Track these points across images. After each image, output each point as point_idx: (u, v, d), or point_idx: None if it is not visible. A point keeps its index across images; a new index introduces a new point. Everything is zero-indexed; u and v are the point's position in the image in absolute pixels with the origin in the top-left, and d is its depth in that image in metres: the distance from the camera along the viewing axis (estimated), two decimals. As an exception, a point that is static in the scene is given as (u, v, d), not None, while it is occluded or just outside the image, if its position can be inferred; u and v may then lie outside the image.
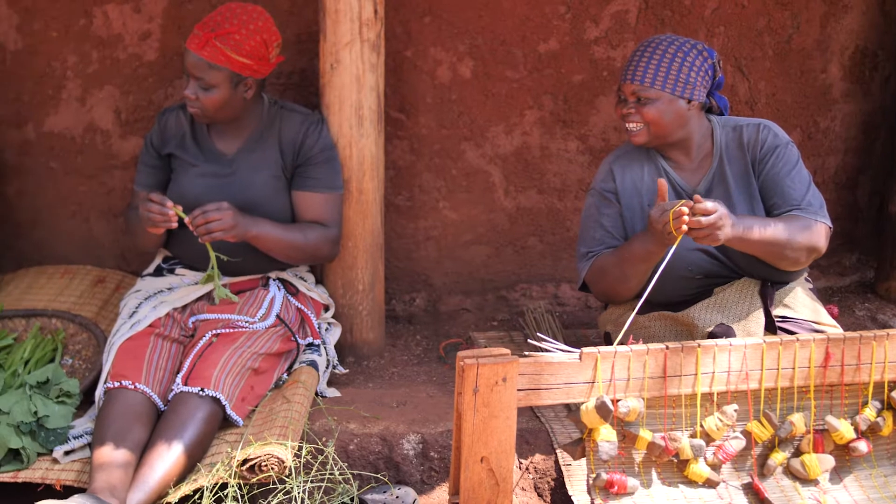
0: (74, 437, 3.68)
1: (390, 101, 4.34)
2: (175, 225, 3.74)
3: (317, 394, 3.88)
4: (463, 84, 4.48)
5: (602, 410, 3.13)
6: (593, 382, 3.15)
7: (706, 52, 3.66)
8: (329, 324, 4.17)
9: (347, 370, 4.17)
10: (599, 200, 3.79)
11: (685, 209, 3.29)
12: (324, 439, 3.56)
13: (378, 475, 3.59)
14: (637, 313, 3.58)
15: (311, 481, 3.42)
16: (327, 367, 4.05)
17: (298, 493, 3.37)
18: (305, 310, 4.02)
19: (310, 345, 4.02)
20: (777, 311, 3.69)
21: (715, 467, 3.32)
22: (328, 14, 3.94)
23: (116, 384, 3.61)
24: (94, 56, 4.51)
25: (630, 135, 3.67)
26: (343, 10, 3.91)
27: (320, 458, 3.48)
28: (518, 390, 3.06)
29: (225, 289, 3.81)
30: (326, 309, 4.17)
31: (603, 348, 3.15)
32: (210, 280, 3.81)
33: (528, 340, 3.77)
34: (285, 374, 3.91)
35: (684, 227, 3.30)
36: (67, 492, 3.47)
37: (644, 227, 3.65)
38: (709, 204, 3.29)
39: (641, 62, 3.61)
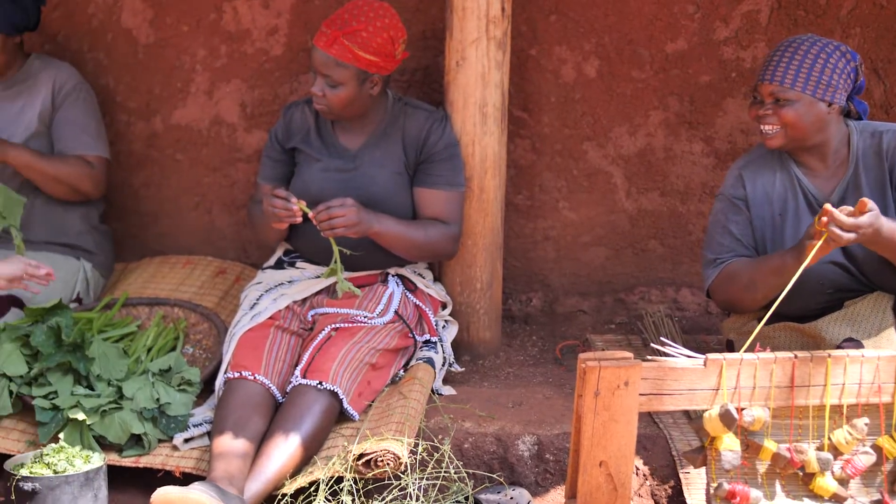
0: (194, 425, 3.74)
1: (513, 100, 4.32)
2: (299, 220, 3.76)
3: (432, 391, 3.87)
4: (587, 83, 4.44)
5: (726, 418, 3.06)
6: (717, 389, 3.08)
7: (849, 55, 3.55)
8: (446, 321, 4.16)
9: (463, 368, 4.16)
10: (728, 207, 3.70)
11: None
12: (440, 437, 3.55)
13: (493, 475, 3.56)
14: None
15: (426, 479, 3.41)
16: (443, 365, 4.04)
17: (413, 490, 3.36)
18: (423, 307, 4.01)
19: (427, 342, 4.02)
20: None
21: (842, 482, 3.22)
22: (455, 11, 3.94)
23: (236, 374, 3.66)
24: (223, 50, 4.58)
25: (765, 138, 3.57)
26: (470, 8, 3.90)
27: (436, 455, 3.47)
28: (640, 395, 3.02)
29: (348, 282, 3.82)
30: (444, 306, 4.17)
31: (728, 355, 3.08)
32: (333, 274, 3.83)
33: (651, 345, 3.72)
34: (402, 371, 3.92)
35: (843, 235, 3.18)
36: (186, 479, 3.52)
37: (773, 237, 3.57)
38: (863, 219, 3.18)
39: (782, 62, 3.51)
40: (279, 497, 3.41)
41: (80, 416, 3.64)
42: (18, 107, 4.33)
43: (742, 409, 3.09)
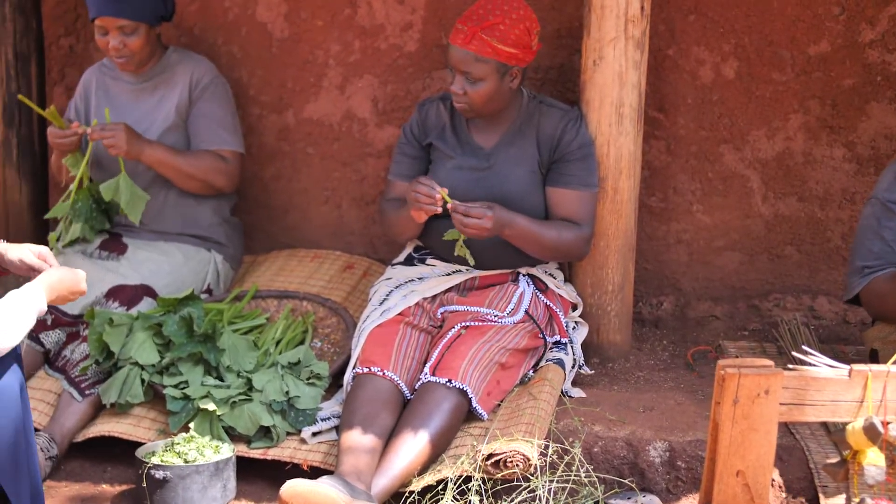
0: (322, 419, 3.76)
1: (649, 100, 4.25)
2: (439, 210, 3.75)
3: (562, 393, 3.83)
4: (725, 85, 4.36)
5: (870, 432, 2.96)
6: (862, 402, 2.99)
7: None
8: (576, 323, 4.11)
9: (592, 371, 4.11)
10: (881, 211, 3.59)
11: None
12: (570, 440, 3.50)
13: (625, 480, 3.51)
14: None
15: (556, 482, 3.37)
16: (573, 367, 3.99)
17: (543, 492, 3.33)
18: (554, 307, 3.97)
19: (557, 343, 3.97)
20: None
21: None
22: (593, 10, 3.89)
23: (365, 370, 3.65)
24: (356, 45, 4.59)
25: None
26: (609, 6, 3.85)
27: (566, 458, 3.43)
28: (780, 404, 2.94)
29: (466, 249, 3.79)
30: (574, 308, 4.12)
31: (874, 366, 2.98)
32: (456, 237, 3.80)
33: (792, 353, 3.63)
34: (531, 371, 3.88)
35: None
36: (314, 472, 3.53)
37: None
38: None
39: None
40: (406, 494, 3.41)
41: (211, 406, 3.68)
42: (156, 99, 4.39)
43: (888, 423, 3.00)
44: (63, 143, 4.24)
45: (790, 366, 3.01)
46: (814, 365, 2.99)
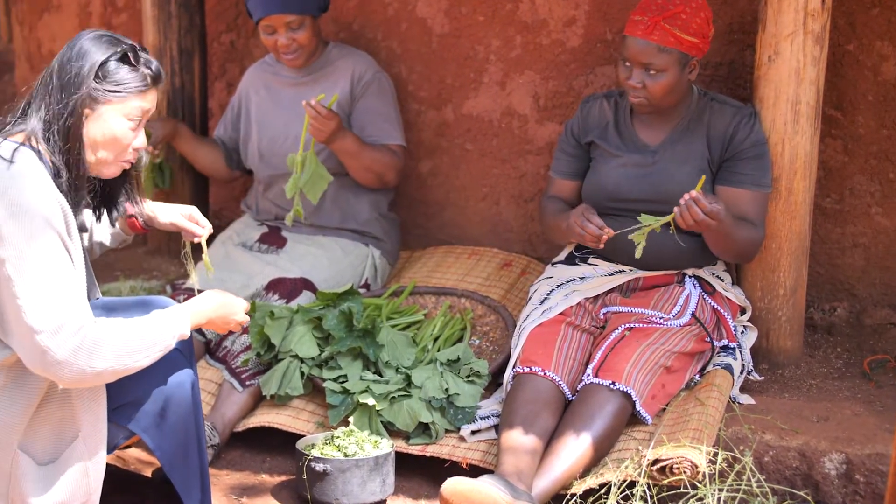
0: (481, 418, 3.73)
1: (826, 97, 4.09)
2: (601, 247, 3.71)
3: (730, 399, 3.71)
4: (909, 82, 4.17)
5: None
6: None
7: None
8: (745, 327, 3.98)
9: (762, 377, 3.97)
10: None
11: None
12: (740, 448, 3.39)
13: (799, 492, 3.38)
14: None
15: (725, 490, 3.26)
16: (741, 372, 3.86)
17: (712, 501, 3.22)
18: (721, 310, 3.85)
19: (724, 347, 3.85)
20: None
21: None
22: (770, 4, 3.76)
23: (526, 369, 3.61)
24: (518, 41, 4.54)
25: None
26: (787, 0, 3.72)
27: (736, 467, 3.32)
28: (974, 418, 2.79)
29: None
30: (743, 311, 3.99)
31: None
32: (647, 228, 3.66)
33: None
34: (697, 376, 3.77)
35: None
36: (473, 471, 3.51)
37: None
38: None
39: None
40: (567, 496, 3.35)
41: (370, 401, 3.69)
42: (317, 94, 4.39)
43: None
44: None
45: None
46: None
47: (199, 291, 3.13)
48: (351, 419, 3.69)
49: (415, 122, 4.79)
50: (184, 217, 3.35)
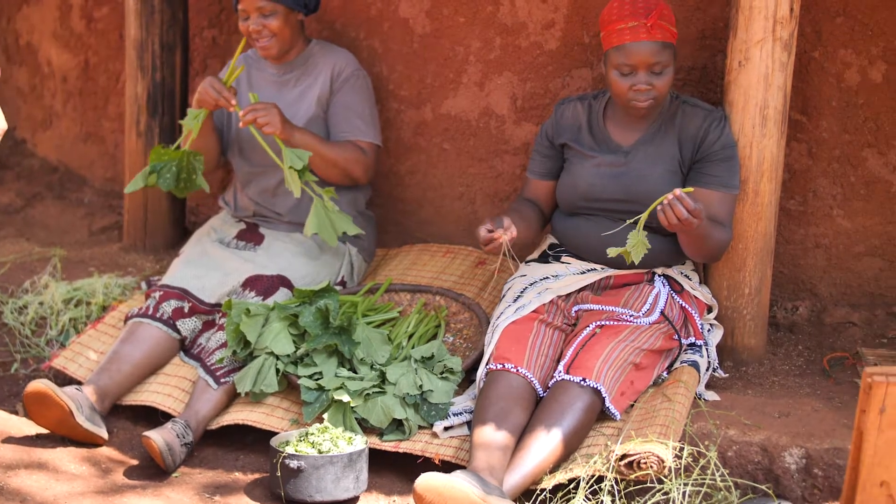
0: (454, 414, 3.78)
1: (792, 102, 4.18)
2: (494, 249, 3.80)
3: (696, 396, 3.80)
4: (872, 89, 4.26)
5: None
6: None
7: None
8: (711, 325, 4.08)
9: (727, 374, 4.07)
10: None
11: None
12: (704, 443, 3.48)
13: (760, 486, 3.48)
14: None
15: (690, 485, 3.35)
16: (707, 369, 3.96)
17: (677, 495, 3.31)
18: (689, 309, 3.94)
19: (691, 345, 3.94)
20: None
21: None
22: (741, 10, 3.85)
23: (499, 366, 3.67)
24: (497, 42, 4.60)
25: None
26: (758, 7, 3.81)
27: (701, 462, 3.41)
28: (928, 415, 2.89)
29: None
30: (709, 310, 4.08)
31: None
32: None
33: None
34: (665, 373, 3.86)
35: None
36: (445, 467, 3.56)
37: None
38: None
39: None
40: (538, 491, 3.42)
41: (345, 398, 3.72)
42: (299, 90, 4.45)
43: None
44: (212, 94, 4.16)
45: (938, 377, 2.95)
46: (961, 375, 2.93)
47: None
48: (325, 416, 3.72)
49: (394, 120, 4.84)
50: None
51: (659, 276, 3.99)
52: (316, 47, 4.50)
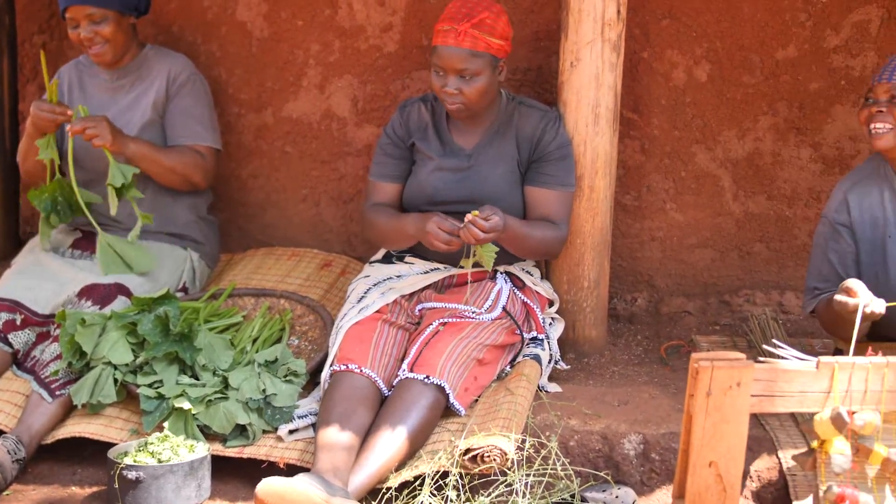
0: (299, 417, 3.74)
1: (624, 101, 4.32)
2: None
3: (538, 388, 3.87)
4: (698, 87, 4.43)
5: (837, 422, 3.02)
6: (829, 393, 3.04)
7: None
8: (552, 319, 4.16)
9: (569, 366, 4.16)
10: (830, 232, 3.66)
11: None
12: (546, 434, 3.55)
13: (600, 473, 3.56)
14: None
15: (533, 475, 3.42)
16: (549, 362, 4.04)
17: (520, 486, 3.37)
18: (531, 304, 4.01)
19: (533, 339, 4.02)
20: None
21: (956, 489, 3.17)
22: (571, 13, 3.95)
23: (343, 367, 3.66)
24: (336, 45, 4.62)
25: (874, 138, 3.49)
26: (586, 10, 3.91)
27: (542, 452, 3.47)
28: (751, 396, 3.00)
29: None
30: (551, 304, 4.17)
31: (841, 358, 3.03)
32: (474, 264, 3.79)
33: (763, 346, 3.69)
34: (508, 367, 3.92)
35: None
36: (290, 470, 3.53)
37: (883, 260, 3.52)
38: None
39: None
40: (383, 490, 3.42)
41: (186, 405, 3.65)
42: (133, 96, 4.38)
43: (853, 413, 3.06)
44: (47, 116, 4.14)
45: (761, 359, 3.07)
46: (783, 358, 3.05)
47: None
48: (166, 424, 3.63)
49: (234, 124, 4.81)
50: None
51: (501, 273, 4.05)
52: (150, 52, 4.43)
